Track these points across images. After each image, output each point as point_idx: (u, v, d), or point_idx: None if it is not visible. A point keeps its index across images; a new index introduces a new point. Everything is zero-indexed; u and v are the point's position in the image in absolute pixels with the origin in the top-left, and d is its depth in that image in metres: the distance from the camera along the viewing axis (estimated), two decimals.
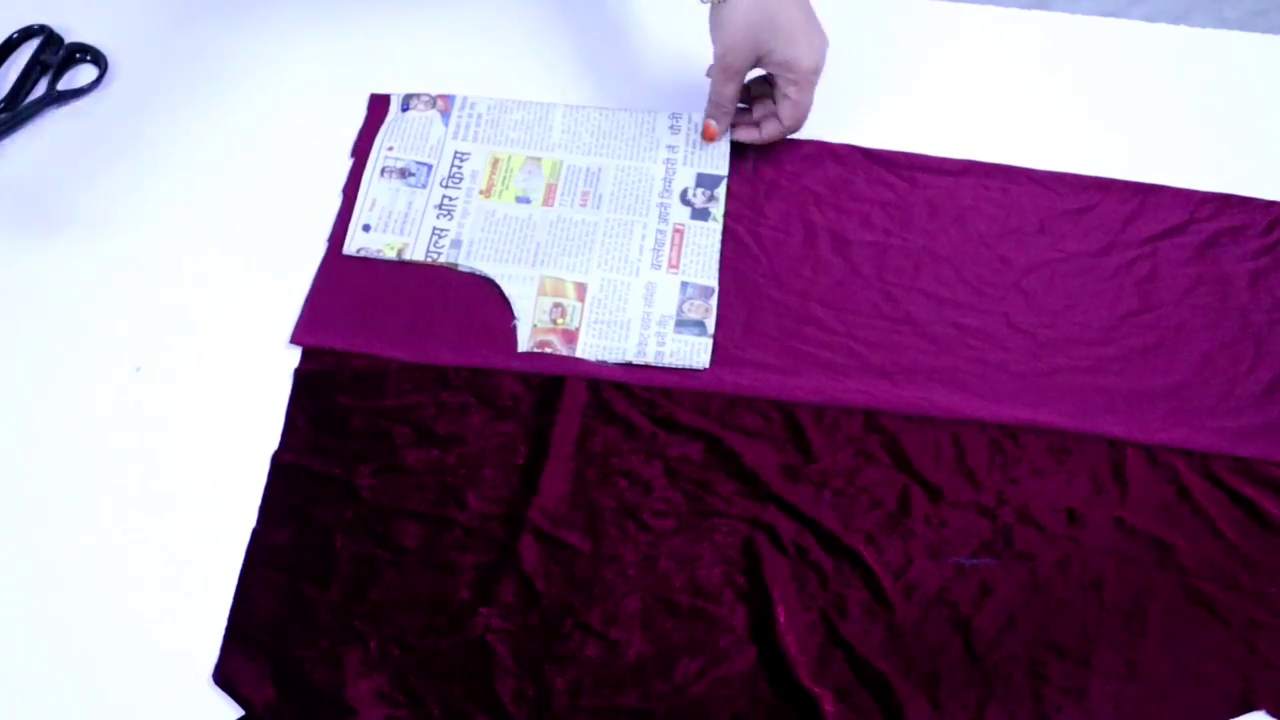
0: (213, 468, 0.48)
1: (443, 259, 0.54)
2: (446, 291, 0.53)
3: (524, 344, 0.52)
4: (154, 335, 0.51)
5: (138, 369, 0.49)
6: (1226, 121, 0.62)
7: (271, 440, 0.48)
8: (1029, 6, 0.68)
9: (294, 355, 0.51)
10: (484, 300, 0.53)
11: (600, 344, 0.52)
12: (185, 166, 0.58)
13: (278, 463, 0.48)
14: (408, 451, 0.48)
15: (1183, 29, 0.66)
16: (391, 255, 0.54)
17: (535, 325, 0.52)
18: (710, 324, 0.53)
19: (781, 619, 0.45)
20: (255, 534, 0.46)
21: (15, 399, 0.49)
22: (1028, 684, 0.44)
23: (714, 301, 0.54)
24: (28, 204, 0.55)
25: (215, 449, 0.48)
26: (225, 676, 0.43)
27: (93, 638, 0.43)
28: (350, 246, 0.54)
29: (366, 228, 0.55)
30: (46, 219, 0.55)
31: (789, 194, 0.58)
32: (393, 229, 0.55)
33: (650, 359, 0.52)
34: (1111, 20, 0.66)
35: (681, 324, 0.53)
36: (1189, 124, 0.62)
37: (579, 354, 0.51)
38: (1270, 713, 0.44)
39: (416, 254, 0.54)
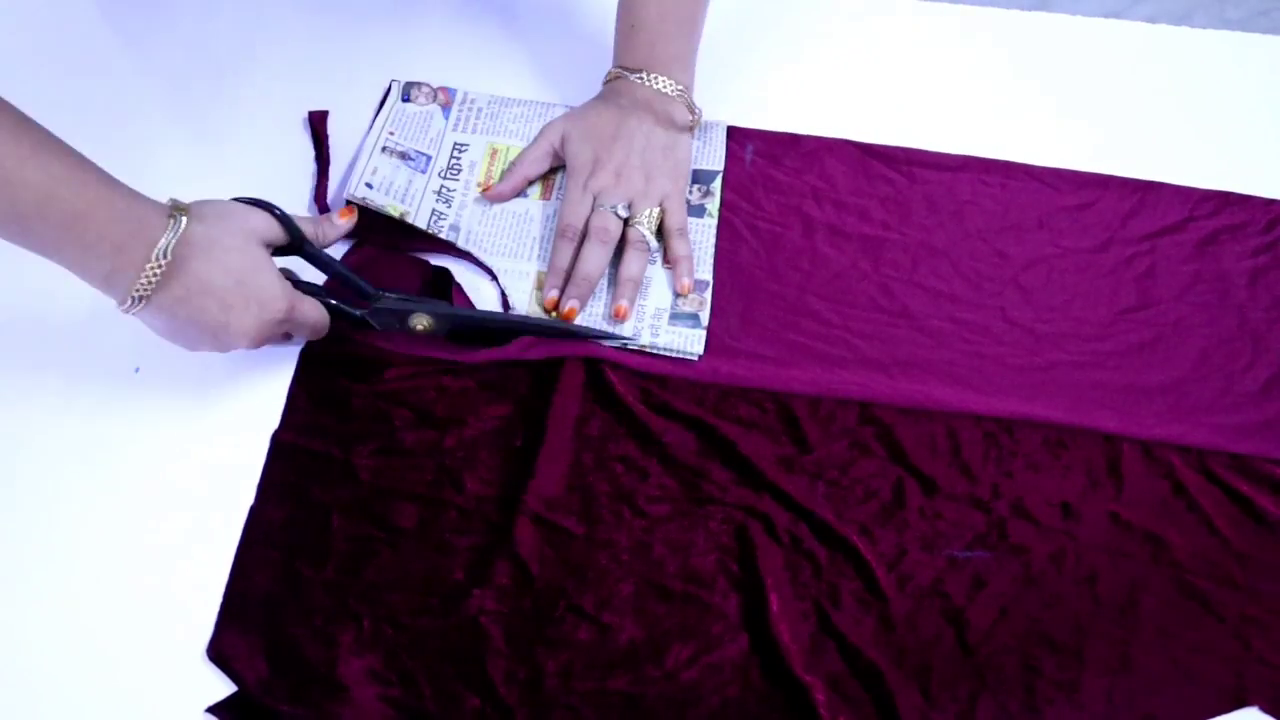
0: (213, 445, 0.48)
1: (443, 235, 0.55)
2: (457, 292, 0.53)
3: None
4: None
5: (136, 369, 0.50)
6: (1227, 120, 0.62)
7: (272, 419, 0.49)
8: (1031, 8, 0.68)
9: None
10: (484, 300, 0.53)
11: (595, 328, 0.52)
12: (188, 148, 0.58)
13: (277, 442, 0.48)
14: (406, 433, 0.48)
15: (1184, 30, 0.66)
16: (395, 215, 0.54)
17: (529, 314, 0.53)
18: (704, 316, 0.53)
19: (774, 607, 0.45)
20: (253, 512, 0.46)
21: (16, 374, 0.50)
22: (1020, 676, 0.44)
23: (709, 295, 0.54)
24: None
25: (216, 427, 0.49)
26: (219, 652, 0.43)
27: (90, 611, 0.44)
28: (355, 193, 0.53)
29: (369, 185, 0.55)
30: None
31: (787, 188, 0.58)
32: (395, 195, 0.55)
33: (644, 345, 0.52)
34: (1113, 21, 0.67)
35: (676, 316, 0.53)
36: (1190, 123, 0.62)
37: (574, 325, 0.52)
38: (1263, 709, 0.44)
39: (419, 221, 0.55)
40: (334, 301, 0.49)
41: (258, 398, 0.49)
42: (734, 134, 0.60)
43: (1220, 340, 0.54)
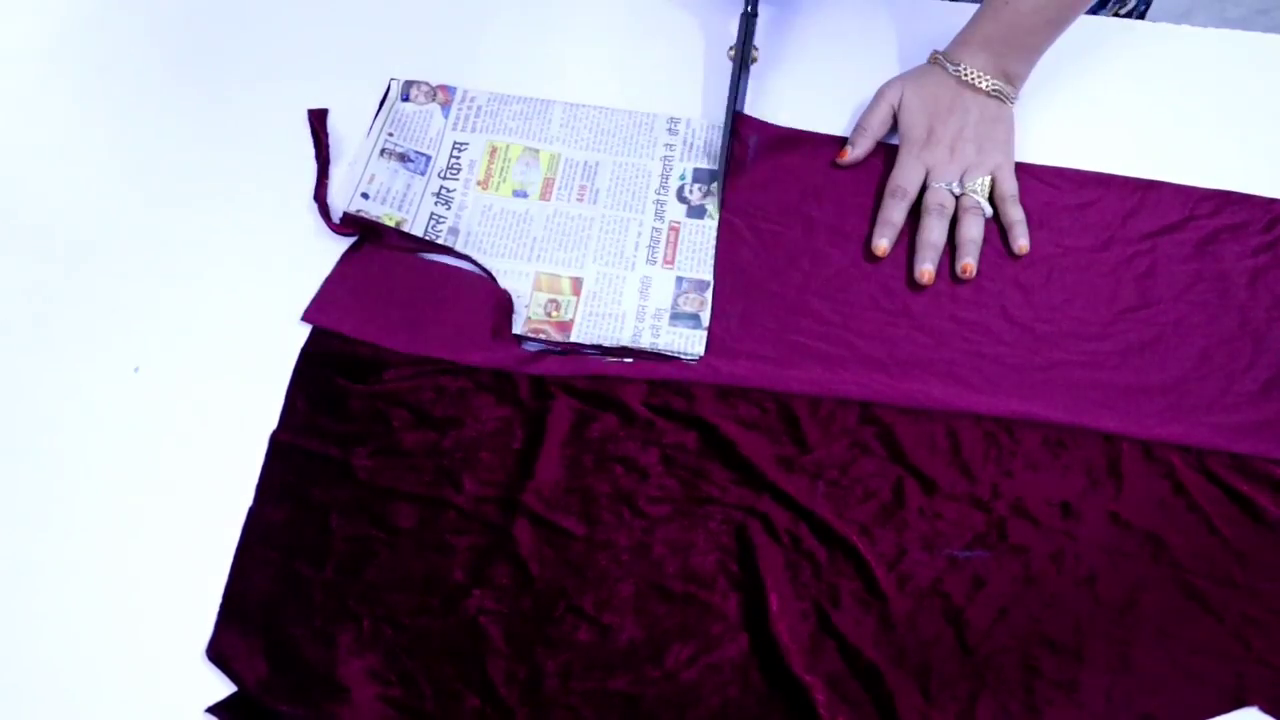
0: (211, 446, 0.48)
1: (441, 240, 0.55)
2: (457, 294, 0.53)
3: (518, 328, 0.52)
4: (160, 311, 0.52)
5: (136, 369, 0.50)
6: (1228, 119, 0.62)
7: (270, 420, 0.49)
8: None
9: (297, 339, 0.51)
10: (489, 307, 0.53)
11: (595, 333, 0.52)
12: (188, 147, 0.58)
13: (276, 442, 0.48)
14: (405, 434, 0.48)
15: (1184, 28, 0.66)
16: (391, 224, 0.54)
17: (529, 318, 0.53)
18: (705, 316, 0.53)
19: (774, 607, 0.45)
20: (251, 513, 0.46)
21: (15, 374, 0.50)
22: (1019, 676, 0.44)
23: (709, 295, 0.54)
24: (34, 196, 0.56)
25: (214, 427, 0.48)
26: (219, 652, 0.43)
27: (89, 612, 0.44)
28: (350, 206, 0.54)
29: (365, 196, 0.55)
30: (54, 211, 0.56)
31: (788, 187, 0.58)
32: (391, 204, 0.55)
33: (645, 346, 0.52)
34: (1113, 19, 0.67)
35: (676, 317, 0.53)
36: (1190, 122, 0.62)
37: (573, 338, 0.52)
38: (1263, 709, 0.44)
39: (415, 229, 0.55)
40: None
41: (256, 398, 0.49)
42: (737, 123, 0.59)
43: (1220, 340, 0.54)
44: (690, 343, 0.52)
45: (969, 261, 0.55)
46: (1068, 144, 0.60)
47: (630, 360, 0.52)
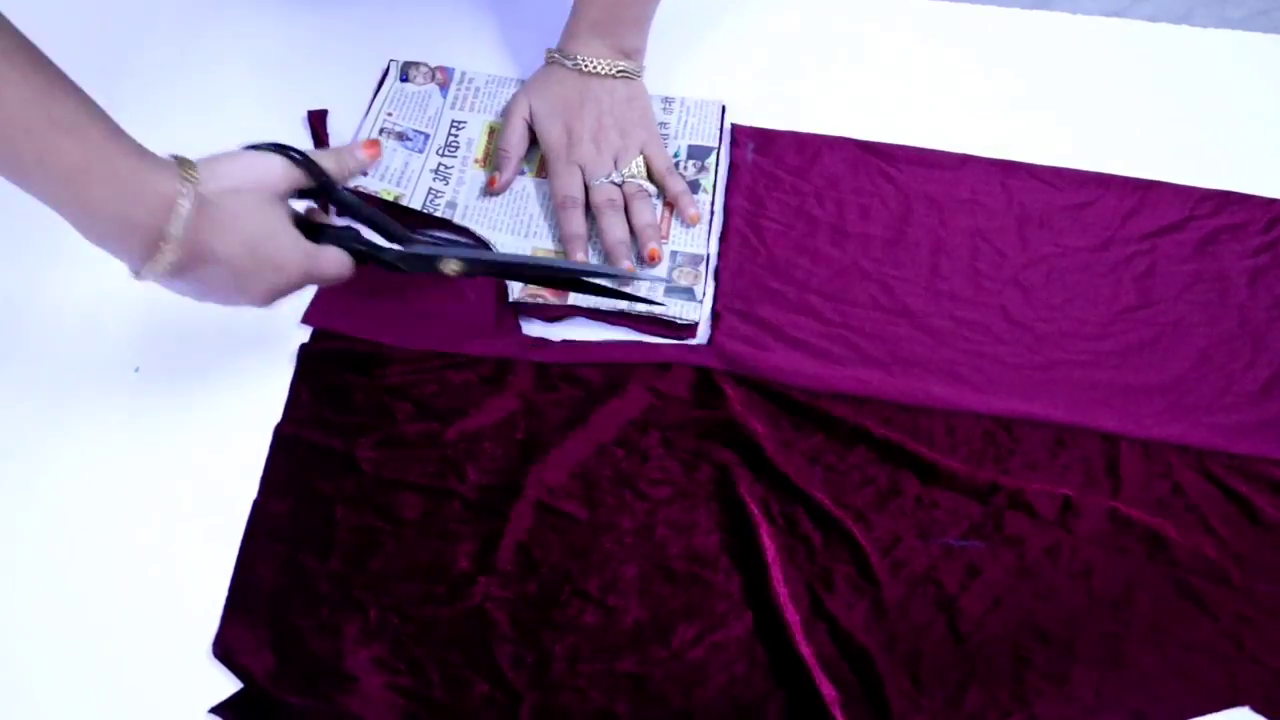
0: (215, 440, 0.48)
1: (439, 214, 0.55)
2: (456, 288, 0.53)
3: (515, 295, 0.53)
4: (163, 309, 0.52)
5: (136, 369, 0.50)
6: (1227, 120, 0.62)
7: (274, 413, 0.49)
8: (1031, 7, 0.68)
9: (301, 334, 0.52)
10: (489, 298, 0.53)
11: (590, 301, 0.53)
12: (187, 148, 0.58)
13: (279, 435, 0.48)
14: (408, 425, 0.49)
15: (1185, 29, 0.66)
16: (389, 199, 0.55)
17: (526, 286, 0.53)
18: (699, 290, 0.54)
19: (775, 583, 0.45)
20: (256, 505, 0.46)
21: (17, 373, 0.50)
22: (1010, 667, 0.44)
23: (704, 269, 0.54)
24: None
25: (218, 422, 0.49)
26: (225, 646, 0.43)
27: (94, 610, 0.44)
28: (348, 184, 0.54)
29: (364, 173, 0.55)
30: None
31: (789, 186, 0.58)
32: (389, 180, 0.56)
33: (641, 311, 0.52)
34: (1114, 20, 0.67)
35: (671, 290, 0.53)
36: (1190, 122, 0.62)
37: (569, 302, 0.52)
38: (1255, 709, 0.44)
39: (414, 202, 0.55)
40: (363, 247, 0.47)
41: (259, 392, 0.49)
42: (735, 132, 0.60)
43: (1220, 340, 0.54)
44: (686, 311, 0.52)
45: (653, 247, 0.53)
46: (1068, 144, 0.60)
47: (627, 339, 0.52)
